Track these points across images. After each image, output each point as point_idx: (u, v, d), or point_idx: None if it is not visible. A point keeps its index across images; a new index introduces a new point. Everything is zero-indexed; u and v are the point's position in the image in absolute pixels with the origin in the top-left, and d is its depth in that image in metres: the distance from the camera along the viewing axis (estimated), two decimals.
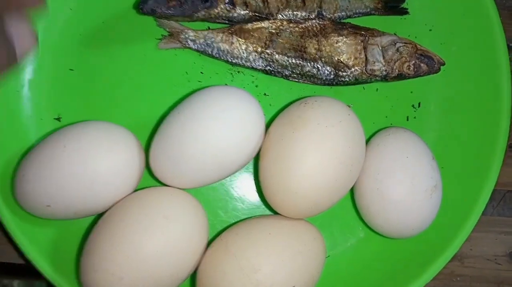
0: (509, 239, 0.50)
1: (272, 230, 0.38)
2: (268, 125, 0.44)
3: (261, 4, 0.46)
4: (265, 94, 0.48)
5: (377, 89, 0.49)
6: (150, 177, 0.43)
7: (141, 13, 0.43)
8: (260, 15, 0.46)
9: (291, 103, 0.47)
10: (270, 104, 0.48)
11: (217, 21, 0.46)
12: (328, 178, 0.39)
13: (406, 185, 0.40)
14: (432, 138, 0.48)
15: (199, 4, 0.44)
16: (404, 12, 0.50)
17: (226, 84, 0.47)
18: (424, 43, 0.49)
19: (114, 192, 0.40)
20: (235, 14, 0.46)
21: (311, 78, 0.47)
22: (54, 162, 0.37)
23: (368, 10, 0.49)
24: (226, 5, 0.45)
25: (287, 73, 0.47)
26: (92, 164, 0.38)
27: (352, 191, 0.44)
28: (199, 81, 0.47)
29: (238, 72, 0.48)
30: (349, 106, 0.47)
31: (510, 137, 0.47)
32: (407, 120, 0.49)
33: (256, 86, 0.48)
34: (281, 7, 0.47)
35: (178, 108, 0.41)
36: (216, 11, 0.45)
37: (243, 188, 0.46)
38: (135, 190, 0.41)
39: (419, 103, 0.49)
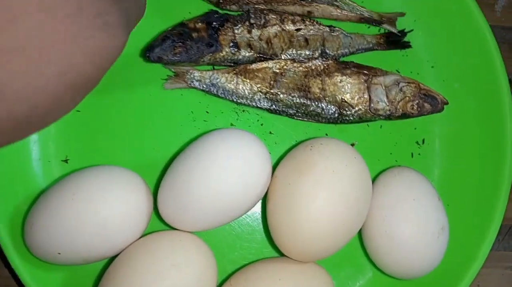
0: None
1: (282, 275, 0.39)
2: (274, 165, 0.45)
3: (265, 45, 0.47)
4: (270, 133, 0.48)
5: (381, 126, 0.49)
6: (158, 219, 0.43)
7: (148, 61, 0.43)
8: (264, 55, 0.47)
9: (296, 141, 0.48)
10: (275, 142, 0.48)
11: (222, 63, 0.47)
12: (336, 222, 0.39)
13: (413, 228, 0.40)
14: (437, 175, 0.49)
15: (204, 49, 0.45)
16: (406, 46, 0.50)
17: (231, 124, 0.48)
18: (426, 80, 0.50)
19: (123, 237, 0.40)
20: (240, 56, 0.46)
21: (316, 117, 0.47)
22: (63, 211, 0.38)
23: (371, 45, 0.50)
24: (231, 48, 0.46)
25: (292, 112, 0.47)
26: (101, 211, 0.38)
27: (360, 231, 0.44)
28: (205, 121, 0.48)
29: (243, 111, 0.48)
30: (353, 144, 0.48)
31: None
32: (412, 157, 0.49)
33: (261, 124, 0.48)
34: (285, 47, 0.47)
35: (185, 152, 0.42)
36: (221, 54, 0.46)
37: (251, 227, 0.46)
38: (144, 234, 0.41)
39: (423, 140, 0.49)
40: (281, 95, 0.47)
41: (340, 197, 0.39)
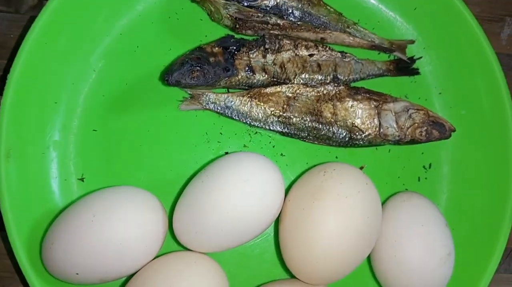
0: None
1: None
2: (286, 187, 0.46)
3: (278, 70, 0.48)
4: (282, 154, 0.50)
5: (389, 150, 0.51)
6: (172, 239, 0.44)
7: (166, 85, 0.45)
8: (278, 80, 0.48)
9: (307, 164, 0.49)
10: (286, 164, 0.49)
11: (237, 87, 0.48)
12: (347, 246, 0.40)
13: (421, 253, 0.41)
14: (442, 199, 0.50)
15: (221, 73, 0.46)
16: (415, 72, 0.52)
17: (244, 145, 0.49)
18: (434, 105, 0.51)
19: (139, 257, 0.41)
20: (255, 80, 0.48)
21: (327, 140, 0.49)
22: (83, 232, 0.39)
23: (381, 71, 0.51)
24: (246, 72, 0.47)
25: (303, 135, 0.49)
26: (120, 232, 0.39)
27: (369, 255, 0.45)
28: (219, 142, 0.49)
29: (256, 133, 0.49)
30: (362, 167, 0.49)
31: None
32: (419, 180, 0.50)
33: (273, 146, 0.49)
34: (298, 71, 0.49)
35: (201, 175, 0.43)
36: (237, 78, 0.47)
37: (262, 248, 0.47)
38: (159, 254, 0.42)
39: (430, 164, 0.51)
40: (294, 119, 0.48)
41: (352, 223, 0.40)
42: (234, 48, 0.47)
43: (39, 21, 0.45)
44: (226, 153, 0.48)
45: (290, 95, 0.48)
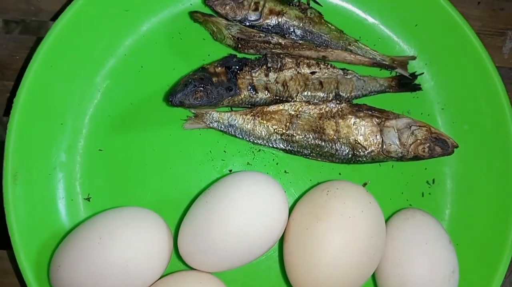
0: None
1: None
2: (290, 205, 0.46)
3: (281, 88, 0.49)
4: (285, 172, 0.50)
5: (392, 166, 0.51)
6: (177, 259, 0.45)
7: (170, 105, 0.45)
8: (280, 98, 0.49)
9: (311, 181, 0.49)
10: (290, 181, 0.50)
11: (240, 105, 0.48)
12: (350, 265, 0.40)
13: (425, 271, 0.42)
14: (446, 214, 0.50)
15: (224, 93, 0.46)
16: (417, 88, 0.52)
17: (248, 163, 0.49)
18: (436, 121, 0.51)
19: (145, 277, 0.41)
20: (257, 99, 0.48)
21: (330, 157, 0.49)
22: (90, 254, 0.39)
23: (383, 88, 0.51)
24: (249, 91, 0.48)
25: (306, 153, 0.49)
26: (126, 253, 0.40)
27: (374, 273, 0.45)
28: (222, 160, 0.49)
29: (259, 150, 0.50)
30: (366, 183, 0.49)
31: None
32: (422, 196, 0.50)
33: (277, 163, 0.50)
34: (300, 89, 0.49)
35: (206, 195, 0.43)
36: (240, 97, 0.48)
37: (267, 266, 0.48)
38: (164, 274, 0.43)
39: (433, 180, 0.51)
40: (297, 137, 0.48)
41: (356, 242, 0.40)
42: (237, 67, 0.48)
43: (45, 43, 0.46)
44: (230, 171, 0.49)
45: (293, 113, 0.49)
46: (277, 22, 0.49)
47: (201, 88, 0.46)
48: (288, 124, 0.48)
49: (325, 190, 0.43)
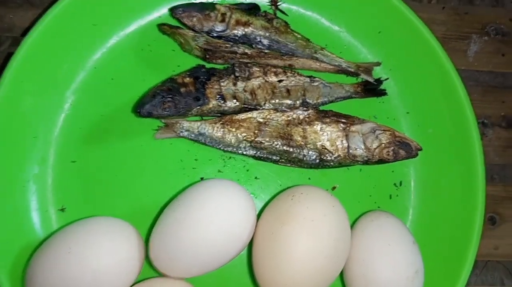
0: None
1: None
2: (259, 210, 0.47)
3: (249, 96, 0.50)
4: (256, 178, 0.51)
5: (360, 169, 0.52)
6: (149, 266, 0.46)
7: (139, 116, 0.46)
8: (249, 106, 0.50)
9: (281, 186, 0.51)
10: (261, 187, 0.51)
11: (210, 114, 0.50)
12: (316, 267, 0.41)
13: (389, 272, 0.43)
14: (414, 214, 0.51)
15: (192, 103, 0.48)
16: (382, 93, 0.54)
17: (219, 171, 0.51)
18: (402, 125, 0.53)
19: (116, 285, 0.42)
20: (226, 108, 0.49)
21: (298, 163, 0.50)
22: (60, 264, 0.40)
23: (349, 94, 0.53)
24: (217, 100, 0.49)
25: (275, 159, 0.50)
26: (96, 262, 0.41)
27: (341, 273, 0.46)
28: (194, 168, 0.50)
29: (230, 158, 0.51)
30: (334, 187, 0.51)
31: (486, 210, 0.50)
32: (390, 198, 0.52)
33: (247, 170, 0.51)
34: (268, 97, 0.50)
35: (175, 203, 0.44)
36: (208, 106, 0.49)
37: (239, 271, 0.49)
38: (136, 281, 0.44)
39: (400, 182, 0.52)
40: (265, 143, 0.49)
41: (319, 245, 0.41)
42: (205, 77, 0.49)
43: (14, 58, 0.47)
44: (202, 178, 0.50)
45: (261, 120, 0.50)
46: (243, 33, 0.51)
47: (169, 99, 0.47)
48: (256, 131, 0.50)
49: (290, 195, 0.44)
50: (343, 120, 0.50)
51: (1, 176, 0.46)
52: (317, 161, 0.50)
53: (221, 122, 0.50)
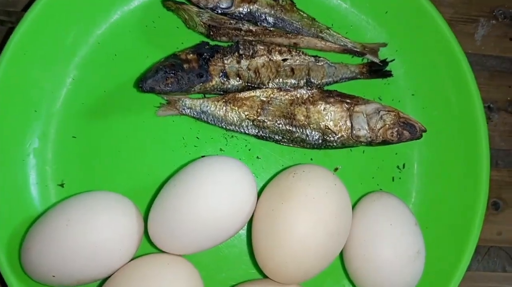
0: None
1: None
2: (260, 190, 0.47)
3: (253, 75, 0.49)
4: (257, 157, 0.51)
5: (363, 151, 0.52)
6: (148, 243, 0.46)
7: (141, 91, 0.46)
8: (252, 84, 0.49)
9: (283, 166, 0.50)
10: (262, 167, 0.50)
11: (212, 92, 0.49)
12: (316, 246, 0.41)
13: (390, 251, 0.42)
14: (417, 198, 0.51)
15: (195, 79, 0.47)
16: (387, 75, 0.53)
17: (220, 149, 0.50)
18: (407, 107, 0.52)
19: (114, 260, 0.42)
20: (229, 86, 0.49)
21: (301, 143, 0.50)
22: (58, 236, 0.40)
23: (354, 74, 0.52)
24: (221, 78, 0.48)
25: (278, 138, 0.50)
26: (94, 236, 0.40)
27: (341, 253, 0.46)
28: (195, 146, 0.50)
29: (232, 136, 0.51)
30: (337, 168, 0.50)
31: (490, 195, 0.50)
32: (393, 180, 0.51)
33: (249, 149, 0.51)
34: (272, 76, 0.50)
35: (175, 179, 0.44)
36: (211, 84, 0.48)
37: (238, 250, 0.48)
38: (135, 256, 0.43)
39: (403, 164, 0.52)
40: (268, 122, 0.49)
41: (320, 222, 0.41)
42: (209, 54, 0.49)
43: (18, 31, 0.47)
44: (203, 157, 0.49)
45: (264, 99, 0.49)
46: (248, 10, 0.50)
47: (171, 74, 0.47)
48: (259, 110, 0.49)
49: (291, 173, 0.44)
50: (347, 100, 0.49)
51: (2, 148, 0.46)
52: (320, 141, 0.49)
53: (223, 100, 0.49)
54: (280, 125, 0.49)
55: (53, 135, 0.49)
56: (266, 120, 0.49)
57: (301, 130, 0.49)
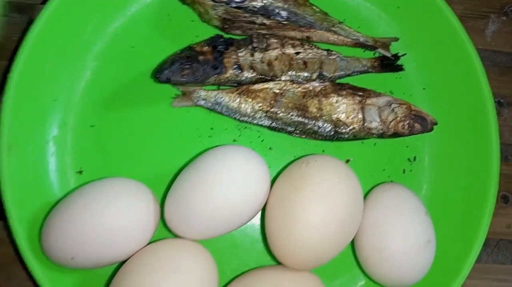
0: (503, 286, 0.53)
1: (278, 282, 0.42)
2: (273, 180, 0.48)
3: (266, 67, 0.50)
4: (270, 149, 0.52)
5: (375, 144, 0.52)
6: (164, 228, 0.47)
7: (157, 82, 0.47)
8: (265, 77, 0.50)
9: (294, 157, 0.51)
10: (275, 157, 0.51)
11: (227, 84, 0.50)
12: (328, 234, 0.42)
13: (400, 241, 0.43)
14: (427, 190, 0.52)
15: (210, 71, 0.48)
16: (399, 69, 0.54)
17: (234, 140, 0.51)
18: (418, 101, 0.53)
19: (131, 244, 0.43)
20: (243, 78, 0.50)
21: (313, 135, 0.51)
22: (76, 220, 0.41)
23: (366, 68, 0.53)
24: (235, 70, 0.49)
25: (290, 130, 0.51)
26: (112, 220, 0.42)
27: (352, 242, 0.47)
28: (209, 136, 0.51)
29: (245, 128, 0.52)
30: (348, 160, 0.51)
31: (500, 189, 0.50)
32: (404, 173, 0.52)
33: (262, 141, 0.52)
34: (285, 69, 0.51)
35: (191, 167, 0.45)
36: (226, 76, 0.49)
37: (251, 237, 0.49)
38: (151, 241, 0.45)
39: (414, 157, 0.52)
40: (281, 114, 0.50)
41: (333, 211, 0.42)
42: (223, 47, 0.50)
43: (37, 24, 0.48)
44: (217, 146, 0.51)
45: (277, 91, 0.50)
46: (262, 4, 0.51)
47: (187, 66, 0.48)
48: (272, 102, 0.50)
49: (304, 162, 0.44)
50: (359, 93, 0.50)
51: (22, 135, 0.47)
52: (332, 133, 0.50)
53: (237, 92, 0.50)
54: (293, 117, 0.50)
55: (72, 124, 0.50)
56: (279, 112, 0.50)
57: (313, 122, 0.50)
